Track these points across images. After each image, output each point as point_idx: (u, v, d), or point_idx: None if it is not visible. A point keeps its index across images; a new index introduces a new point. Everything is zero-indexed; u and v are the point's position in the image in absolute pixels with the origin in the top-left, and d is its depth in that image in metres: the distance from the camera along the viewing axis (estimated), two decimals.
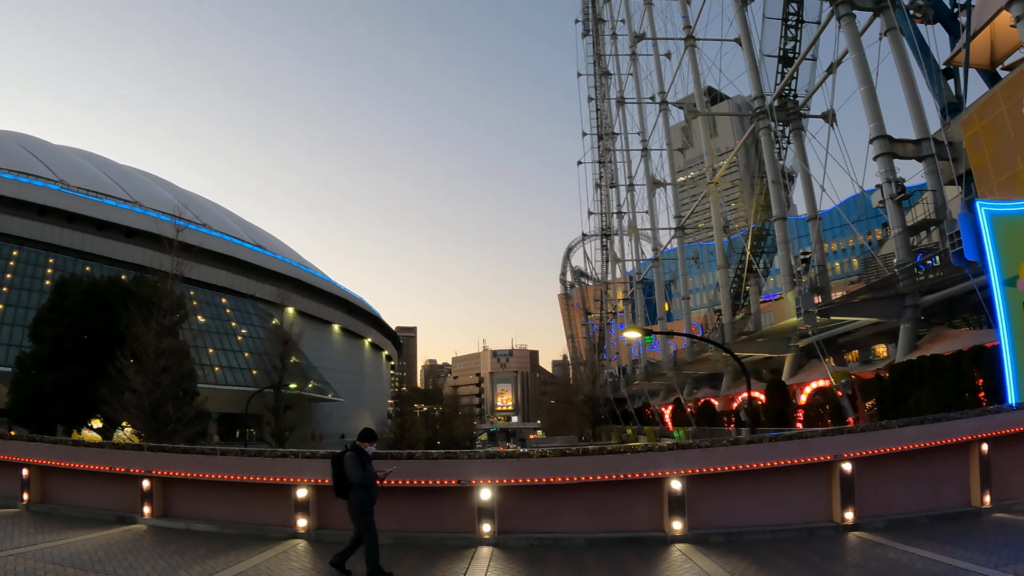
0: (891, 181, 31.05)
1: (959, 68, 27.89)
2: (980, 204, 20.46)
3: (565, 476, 15.71)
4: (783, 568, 12.83)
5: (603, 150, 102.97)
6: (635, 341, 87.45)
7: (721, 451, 16.18)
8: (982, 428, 16.83)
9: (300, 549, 14.85)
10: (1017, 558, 12.12)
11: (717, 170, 56.16)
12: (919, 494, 16.82)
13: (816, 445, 16.28)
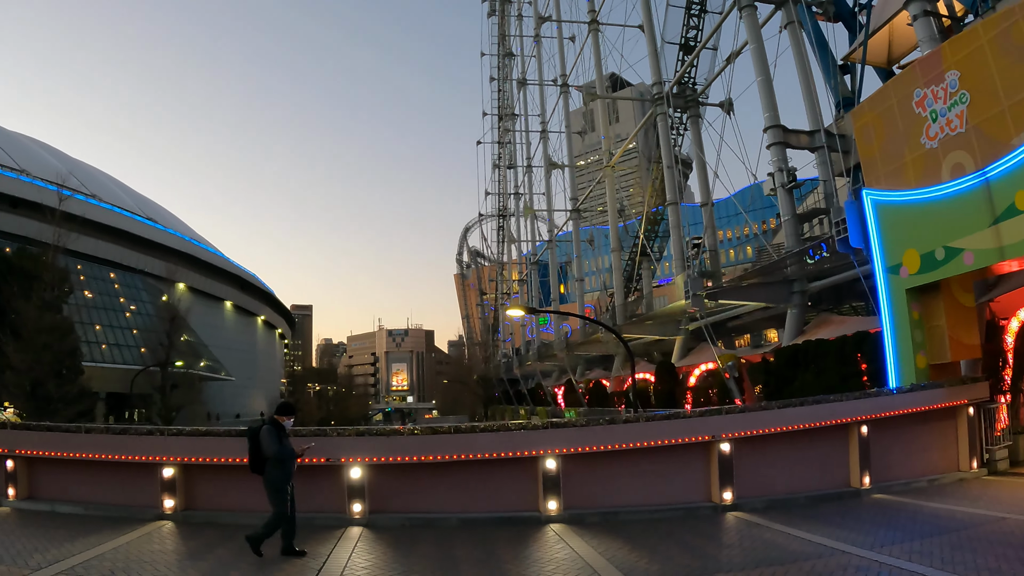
0: (783, 170, 31.59)
1: (856, 65, 28.44)
2: (866, 193, 20.86)
3: (438, 455, 15.35)
4: (657, 548, 12.70)
5: (503, 131, 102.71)
6: (520, 319, 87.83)
7: (597, 430, 16.00)
8: (862, 411, 17.07)
9: (165, 531, 14.18)
10: (893, 539, 12.23)
11: (615, 154, 56.50)
12: (799, 475, 17.00)
13: (694, 425, 16.30)
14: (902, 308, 19.70)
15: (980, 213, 17.04)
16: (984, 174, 16.97)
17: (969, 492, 16.46)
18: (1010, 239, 16.33)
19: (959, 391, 18.37)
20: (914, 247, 19.11)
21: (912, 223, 19.31)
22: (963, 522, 13.21)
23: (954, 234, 17.84)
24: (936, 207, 18.46)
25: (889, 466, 17.60)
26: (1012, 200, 16.18)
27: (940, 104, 18.43)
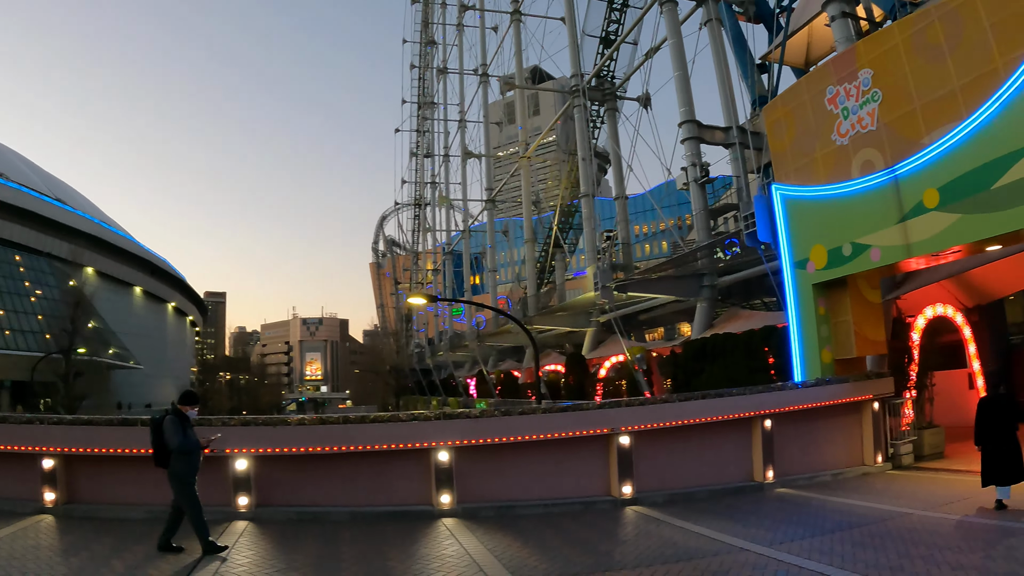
0: (696, 164, 31.67)
1: (774, 64, 28.62)
2: (776, 187, 20.86)
3: (327, 446, 14.76)
4: (550, 545, 12.31)
5: (422, 119, 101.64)
6: (422, 307, 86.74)
7: (491, 422, 15.59)
8: (765, 404, 16.99)
9: (45, 525, 13.29)
10: (793, 535, 12.05)
11: (532, 146, 56.20)
12: (701, 469, 16.86)
13: (593, 418, 15.95)
14: (808, 303, 19.74)
15: (888, 210, 17.11)
16: (894, 171, 17.03)
17: (873, 486, 16.51)
18: (917, 236, 16.42)
19: (864, 386, 18.46)
20: (821, 242, 19.16)
21: (820, 219, 19.35)
22: (866, 517, 13.12)
23: (862, 230, 17.90)
24: (845, 203, 18.51)
25: (793, 460, 17.57)
26: (920, 198, 16.26)
27: (852, 102, 18.46)
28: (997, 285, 24.89)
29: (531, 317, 46.43)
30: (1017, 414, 13.09)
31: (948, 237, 15.75)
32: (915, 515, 12.99)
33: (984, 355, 24.72)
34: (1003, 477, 12.81)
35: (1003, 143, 14.46)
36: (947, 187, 15.68)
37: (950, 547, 10.56)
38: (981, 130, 14.96)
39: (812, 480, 17.37)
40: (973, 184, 15.09)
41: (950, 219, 15.63)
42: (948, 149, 15.68)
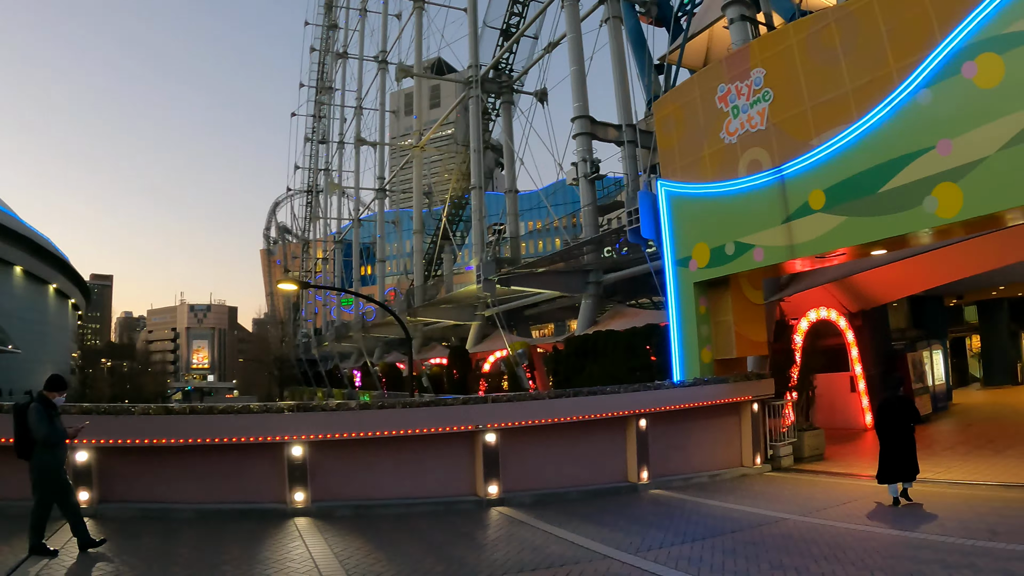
0: (586, 160, 31.15)
1: (672, 66, 28.27)
2: (661, 183, 20.30)
3: (175, 438, 13.41)
4: (402, 549, 11.39)
5: (319, 104, 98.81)
6: (289, 294, 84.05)
7: (348, 416, 14.61)
8: (639, 404, 16.40)
9: None
10: (662, 541, 11.34)
11: (426, 136, 54.94)
12: (573, 469, 16.14)
13: (457, 414, 15.10)
14: (689, 301, 19.26)
15: (773, 210, 16.69)
16: (780, 171, 16.61)
17: (751, 489, 16.04)
18: (801, 238, 16.03)
19: (744, 387, 18.04)
20: (705, 241, 18.68)
21: (704, 217, 18.88)
22: (740, 523, 12.54)
23: (745, 230, 17.46)
24: (730, 202, 18.06)
25: (669, 461, 17.03)
26: (806, 199, 15.87)
27: (743, 100, 18.00)
28: (881, 291, 25.09)
29: (416, 309, 45.26)
30: (913, 415, 13.44)
31: (833, 239, 15.38)
32: (791, 520, 12.46)
33: (866, 359, 24.93)
34: (899, 475, 13.16)
35: (892, 147, 14.16)
36: (834, 189, 15.31)
37: (824, 556, 9.99)
38: (871, 133, 14.64)
39: (688, 481, 16.84)
40: (860, 187, 14.75)
41: (835, 221, 15.26)
42: (837, 151, 15.32)
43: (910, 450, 13.19)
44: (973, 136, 12.80)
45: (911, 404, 13.75)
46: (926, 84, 13.62)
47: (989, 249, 21.69)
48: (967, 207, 12.96)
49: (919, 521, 11.80)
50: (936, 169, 13.37)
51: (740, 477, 17.52)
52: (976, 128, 12.76)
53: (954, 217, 13.18)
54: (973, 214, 12.97)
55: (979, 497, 13.36)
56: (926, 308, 31.71)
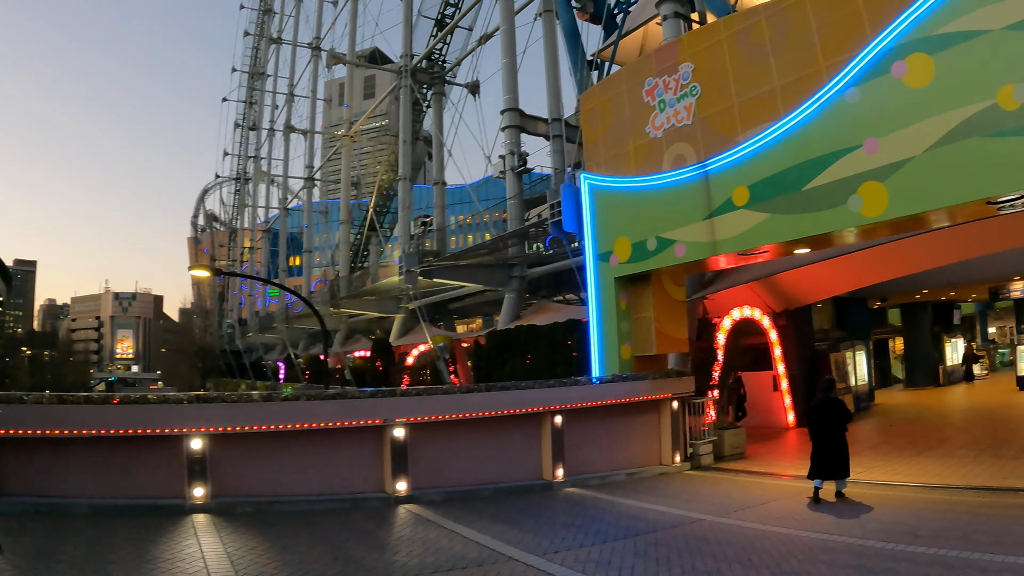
0: (514, 153, 30.67)
1: (605, 63, 27.91)
2: (584, 176, 19.80)
3: (64, 429, 12.42)
4: (300, 549, 10.70)
5: (252, 90, 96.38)
6: (207, 281, 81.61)
7: (249, 407, 13.76)
8: (555, 400, 15.89)
9: None
10: (572, 543, 10.80)
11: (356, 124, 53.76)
12: (486, 465, 15.56)
13: (364, 407, 14.39)
14: (610, 297, 18.80)
15: (696, 206, 16.28)
16: (705, 167, 16.21)
17: (669, 488, 15.62)
18: (723, 234, 15.65)
19: (663, 384, 17.61)
20: (627, 235, 18.23)
21: (627, 211, 18.43)
22: (654, 523, 12.07)
23: (668, 225, 17.04)
24: (653, 197, 17.64)
25: (586, 458, 16.53)
26: (730, 195, 15.50)
27: (670, 95, 17.58)
28: (805, 291, 25.01)
29: (339, 300, 44.21)
30: (845, 416, 13.55)
31: (755, 236, 15.02)
32: (706, 521, 12.04)
33: (790, 359, 24.81)
34: (830, 473, 13.25)
35: (818, 145, 13.84)
36: (758, 186, 14.95)
37: (739, 560, 9.56)
38: (797, 131, 14.30)
39: (605, 480, 16.37)
40: (784, 184, 14.42)
41: (758, 218, 14.90)
42: (762, 147, 14.97)
43: (842, 450, 13.28)
44: (901, 136, 12.52)
45: (843, 405, 13.77)
46: (855, 82, 13.31)
47: (913, 253, 21.72)
48: (892, 207, 12.68)
49: (839, 523, 11.45)
50: (862, 168, 13.08)
51: (659, 475, 17.11)
52: (904, 128, 12.48)
53: (879, 217, 12.90)
54: (898, 214, 12.70)
55: (900, 498, 13.10)
56: (850, 309, 31.95)
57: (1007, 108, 11.12)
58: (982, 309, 53.35)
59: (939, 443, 19.27)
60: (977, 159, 11.51)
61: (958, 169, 11.75)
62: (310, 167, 61.01)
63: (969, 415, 25.55)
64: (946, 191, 11.99)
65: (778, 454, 19.59)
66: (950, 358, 38.05)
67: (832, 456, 13.21)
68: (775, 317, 25.60)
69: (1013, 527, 10.39)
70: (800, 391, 25.60)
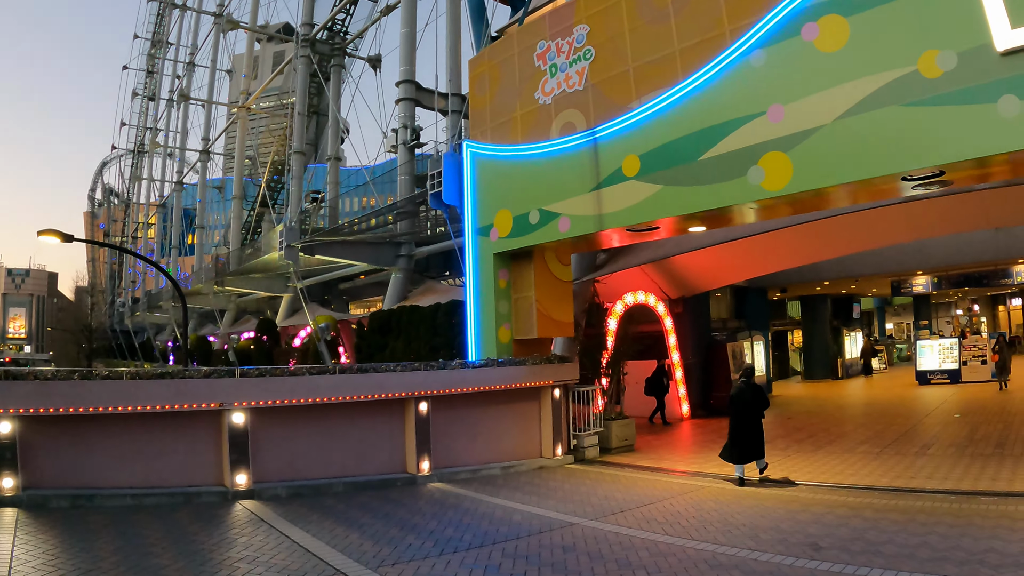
0: (407, 127, 28.78)
1: None
2: (467, 144, 17.87)
3: None
4: (98, 551, 8.88)
5: (153, 58, 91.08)
6: (53, 243, 77.29)
7: (63, 387, 11.63)
8: (420, 385, 14.15)
9: None
10: (418, 551, 9.15)
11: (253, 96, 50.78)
12: (340, 457, 13.70)
13: (197, 389, 12.32)
14: (488, 274, 16.96)
15: (583, 177, 14.56)
16: (594, 134, 14.50)
17: (546, 484, 13.90)
18: (611, 207, 13.95)
19: (544, 371, 15.91)
20: (508, 208, 16.43)
21: (510, 182, 16.62)
22: (519, 528, 10.36)
23: (552, 197, 15.28)
24: (537, 166, 15.88)
25: (457, 450, 14.81)
26: (619, 165, 13.80)
27: (562, 59, 15.83)
28: (702, 278, 23.77)
29: (223, 278, 41.38)
30: (763, 402, 13.73)
31: (645, 210, 13.36)
32: (579, 526, 10.39)
33: (685, 348, 23.54)
34: (745, 456, 13.21)
35: (718, 112, 12.23)
36: (650, 155, 13.29)
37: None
38: (695, 96, 12.66)
39: (477, 474, 14.65)
40: (679, 154, 12.79)
41: (650, 190, 13.24)
42: (656, 113, 13.30)
43: (758, 435, 13.35)
44: (809, 103, 10.99)
45: (762, 391, 13.92)
46: (761, 45, 11.71)
47: (814, 241, 20.64)
48: (796, 180, 11.16)
49: (730, 531, 9.81)
50: (765, 137, 11.52)
51: (537, 470, 15.42)
52: (813, 94, 10.95)
53: (780, 190, 11.36)
54: (802, 188, 11.17)
55: (800, 500, 11.60)
56: (749, 299, 31.05)
57: (928, 76, 9.68)
58: (880, 305, 53.84)
59: (839, 438, 18.11)
60: (892, 130, 10.06)
61: (871, 141, 10.29)
62: (206, 139, 57.56)
63: (869, 409, 24.52)
64: (857, 164, 10.51)
65: (670, 447, 18.17)
66: (849, 351, 37.64)
67: (750, 440, 13.21)
68: (671, 304, 24.33)
69: (927, 537, 8.94)
70: (696, 381, 24.39)
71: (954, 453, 14.89)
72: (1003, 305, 53.66)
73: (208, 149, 56.86)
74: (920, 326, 46.83)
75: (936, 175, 10.43)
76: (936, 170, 10.18)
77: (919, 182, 10.79)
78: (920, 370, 30.76)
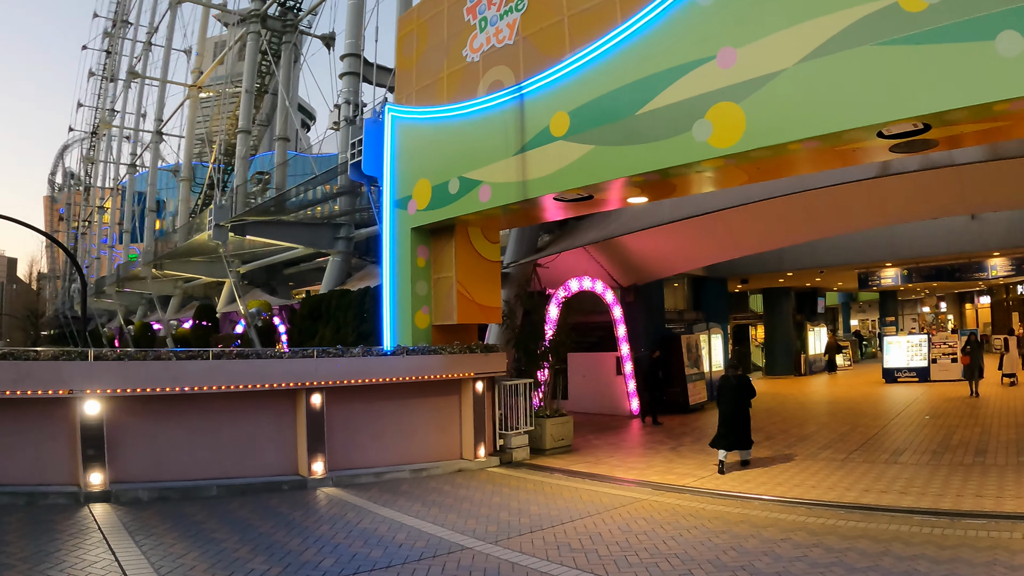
0: (350, 102, 26.65)
1: None
2: (389, 108, 15.70)
3: None
4: None
5: (113, 38, 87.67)
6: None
7: None
8: (313, 374, 12.11)
9: None
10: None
11: (204, 75, 48.26)
12: (216, 455, 11.72)
13: (41, 373, 10.33)
14: (406, 252, 14.86)
15: (508, 139, 12.50)
16: (520, 90, 12.44)
17: (456, 492, 11.81)
18: (536, 172, 11.90)
19: (464, 361, 13.83)
20: (427, 177, 14.35)
21: (431, 148, 14.55)
22: (396, 552, 8.32)
23: (474, 163, 13.22)
24: (459, 129, 13.84)
25: (359, 449, 12.82)
26: (547, 124, 11.77)
27: (493, 11, 13.78)
28: (655, 264, 21.78)
29: (161, 261, 39.00)
30: (750, 391, 13.38)
31: (574, 174, 11.31)
32: (471, 552, 8.36)
33: (635, 340, 21.60)
34: (733, 444, 13.02)
35: (660, 59, 10.21)
36: (582, 111, 11.26)
37: None
38: (635, 41, 10.64)
39: (381, 477, 12.60)
40: (614, 108, 10.78)
41: (579, 151, 11.20)
42: (590, 63, 11.28)
43: (745, 423, 13.12)
44: (766, 45, 8.99)
45: (749, 381, 13.67)
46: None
47: (774, 226, 18.86)
48: (749, 135, 9.15)
49: (656, 563, 7.76)
50: (713, 85, 9.51)
51: (454, 474, 13.35)
52: (771, 34, 8.95)
53: (731, 147, 9.33)
54: (756, 144, 9.14)
55: (750, 522, 9.50)
56: (708, 290, 29.15)
57: (911, 9, 7.74)
58: (846, 301, 52.32)
59: (800, 441, 16.02)
60: (866, 74, 8.10)
61: (840, 88, 8.31)
62: (159, 120, 54.83)
63: (834, 408, 22.17)
64: (822, 116, 8.50)
65: (612, 449, 15.93)
66: (813, 347, 35.72)
67: (738, 429, 12.96)
68: (623, 293, 22.41)
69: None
70: (646, 375, 22.47)
71: (930, 462, 12.88)
72: (970, 303, 52.28)
73: (161, 130, 54.11)
74: (886, 323, 45.29)
75: (919, 131, 8.44)
76: (919, 124, 8.16)
77: (898, 140, 8.79)
78: (887, 367, 28.94)
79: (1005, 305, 44.37)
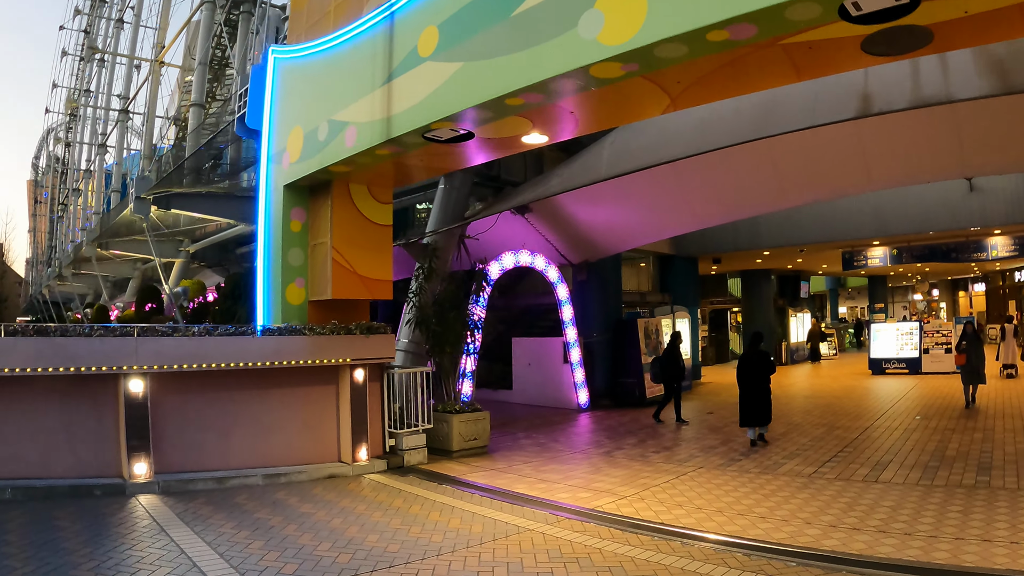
0: None
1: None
2: (272, 50, 13.13)
3: None
4: None
5: (94, 17, 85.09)
6: None
7: None
8: (133, 358, 9.73)
9: None
10: None
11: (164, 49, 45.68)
12: (14, 449, 9.41)
13: None
14: (279, 214, 12.35)
15: (375, 68, 9.99)
16: (390, 7, 9.90)
17: (299, 507, 9.19)
18: (401, 104, 9.37)
19: (336, 344, 11.33)
20: (300, 124, 11.84)
21: (308, 89, 12.06)
22: None
23: (342, 102, 10.70)
24: (331, 64, 11.37)
25: (199, 449, 10.45)
26: (416, 43, 9.24)
27: None
28: (608, 237, 19.19)
29: (105, 240, 36.56)
30: (770, 369, 13.48)
31: (441, 100, 8.75)
32: None
33: (585, 323, 19.21)
34: (756, 420, 13.25)
35: None
36: (451, 22, 8.73)
37: None
38: None
39: (224, 483, 10.23)
40: (486, 13, 8.27)
41: (448, 71, 8.66)
42: None
43: (766, 400, 13.27)
44: None
45: (768, 358, 13.75)
46: None
47: (734, 189, 16.35)
48: (648, 27, 6.53)
49: None
50: None
51: (325, 480, 10.89)
52: None
53: (626, 43, 6.71)
54: (659, 36, 6.47)
55: (667, 573, 6.75)
56: (675, 270, 26.40)
57: None
58: (833, 287, 49.75)
59: (765, 449, 13.02)
60: None
61: None
62: (124, 98, 52.28)
63: (811, 404, 19.05)
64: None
65: (535, 451, 13.25)
66: (795, 334, 33.13)
67: (758, 405, 13.19)
68: (575, 271, 19.96)
69: None
70: (598, 364, 19.98)
71: (920, 481, 9.99)
72: (964, 291, 49.72)
73: (127, 108, 51.55)
74: (875, 310, 42.77)
75: (903, 6, 5.80)
76: None
77: (872, 28, 6.15)
78: (874, 357, 26.40)
79: (1001, 293, 41.77)
